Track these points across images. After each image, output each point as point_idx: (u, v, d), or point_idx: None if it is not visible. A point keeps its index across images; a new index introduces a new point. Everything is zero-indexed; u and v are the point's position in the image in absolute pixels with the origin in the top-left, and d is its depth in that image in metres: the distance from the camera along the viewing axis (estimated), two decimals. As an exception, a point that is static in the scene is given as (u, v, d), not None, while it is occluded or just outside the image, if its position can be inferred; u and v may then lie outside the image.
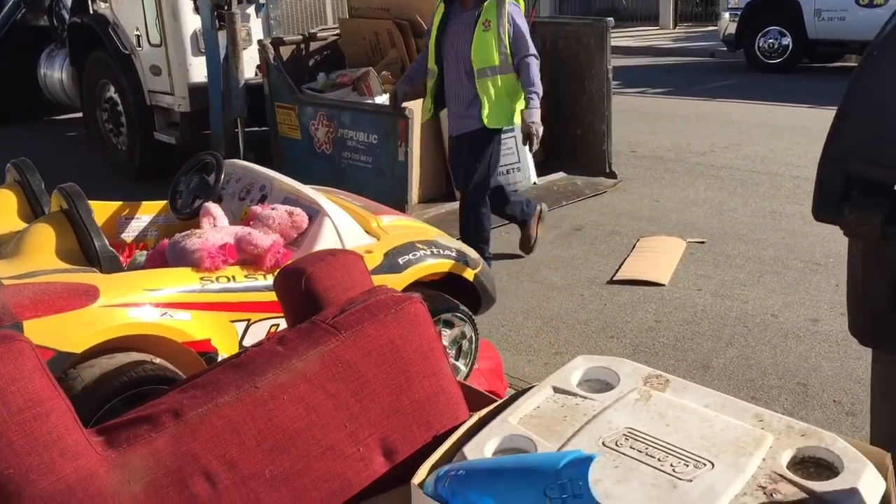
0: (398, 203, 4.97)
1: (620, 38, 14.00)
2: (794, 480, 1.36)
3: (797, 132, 7.68)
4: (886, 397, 2.13)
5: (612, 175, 6.48)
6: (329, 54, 6.50)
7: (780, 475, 1.38)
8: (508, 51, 4.26)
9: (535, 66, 4.26)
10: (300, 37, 6.42)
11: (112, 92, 7.19)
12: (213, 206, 2.67)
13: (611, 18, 6.14)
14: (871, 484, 1.35)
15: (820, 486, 1.35)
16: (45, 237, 2.35)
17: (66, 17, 7.55)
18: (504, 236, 5.61)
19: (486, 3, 4.22)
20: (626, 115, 8.19)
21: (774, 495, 1.34)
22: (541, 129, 4.35)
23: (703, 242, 5.26)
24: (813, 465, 1.42)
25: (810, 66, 10.41)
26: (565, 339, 4.16)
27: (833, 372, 3.65)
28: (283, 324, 2.53)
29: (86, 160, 7.84)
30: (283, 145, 6.23)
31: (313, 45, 6.44)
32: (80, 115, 8.97)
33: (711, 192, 6.26)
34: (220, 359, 2.38)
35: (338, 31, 6.47)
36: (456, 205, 5.85)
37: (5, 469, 1.38)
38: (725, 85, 10.28)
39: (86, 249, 2.35)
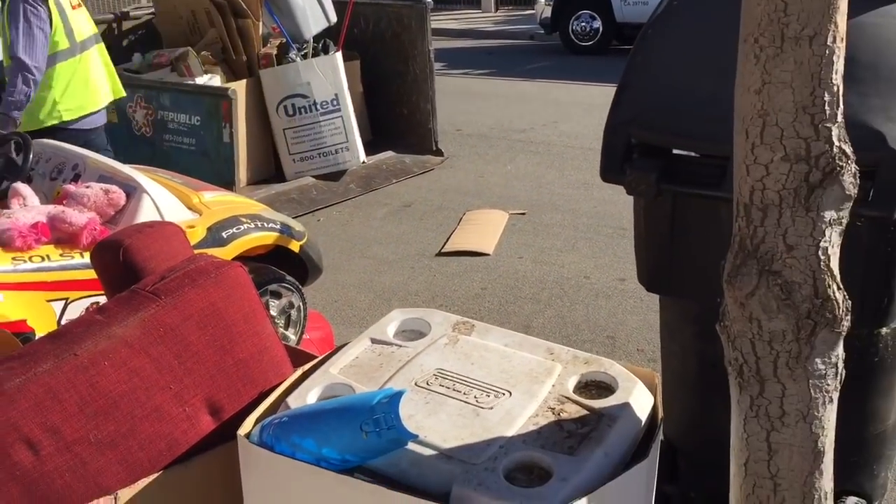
0: (225, 184, 4.92)
1: (443, 20, 14.32)
2: (578, 401, 1.56)
3: (607, 109, 8.19)
4: (671, 336, 2.42)
5: (439, 153, 6.69)
6: (144, 34, 6.30)
7: (567, 397, 1.57)
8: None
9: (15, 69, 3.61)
10: (111, 16, 6.18)
11: None
12: (21, 186, 2.58)
13: (430, 0, 6.32)
14: (641, 398, 1.57)
15: (599, 404, 1.55)
16: None
17: None
18: (335, 215, 5.69)
19: None
20: (451, 95, 8.44)
21: (562, 414, 1.53)
22: None
23: (523, 214, 5.57)
24: (595, 387, 1.62)
25: (620, 48, 11.09)
26: (397, 309, 4.30)
27: (637, 325, 4.01)
28: (103, 300, 2.51)
29: None
30: (100, 129, 5.98)
31: (126, 25, 6.22)
32: None
33: (531, 166, 6.60)
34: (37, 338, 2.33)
35: (152, 10, 6.28)
36: (287, 185, 5.88)
37: None
38: (543, 66, 10.78)
39: None
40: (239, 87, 5.61)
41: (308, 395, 1.67)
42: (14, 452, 1.52)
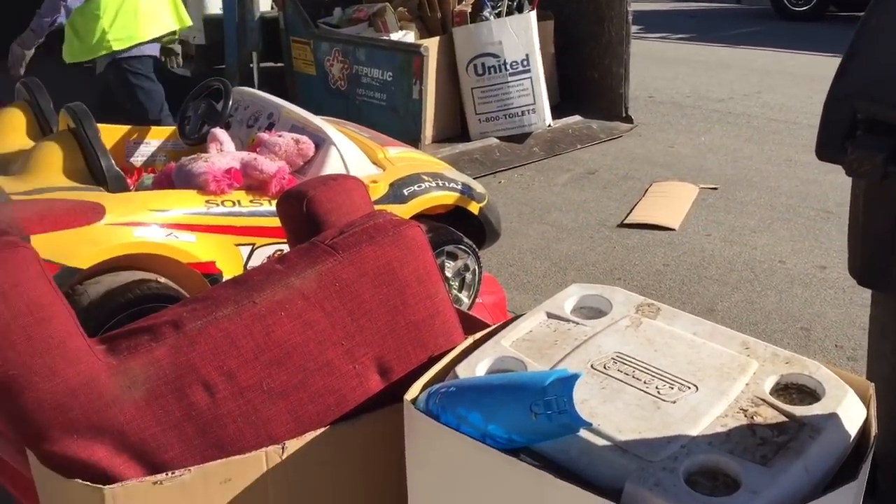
0: (411, 141, 4.96)
1: (645, -19, 13.72)
2: (776, 405, 1.39)
3: (818, 80, 7.54)
4: (882, 335, 2.15)
5: (629, 120, 6.43)
6: (346, -12, 6.42)
7: (763, 399, 1.41)
8: None
9: None
10: (318, -30, 6.34)
11: (128, 23, 7.15)
12: (219, 132, 2.68)
13: (631, -41, 6.03)
14: (851, 410, 1.37)
15: (801, 411, 1.37)
16: (52, 155, 2.38)
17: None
18: (517, 178, 5.60)
19: None
20: (646, 59, 8.08)
21: (755, 418, 1.37)
22: (14, 57, 4.05)
23: (715, 189, 5.23)
24: (796, 391, 1.44)
25: (838, 14, 10.17)
26: (572, 279, 4.18)
27: (837, 318, 3.66)
28: (287, 249, 2.57)
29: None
30: (297, 81, 6.20)
31: (330, -21, 6.36)
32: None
33: (728, 139, 6.20)
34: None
35: (353, -33, 6.38)
36: (471, 145, 5.85)
37: (9, 370, 1.42)
38: (750, 32, 10.09)
39: (93, 168, 2.38)
40: (431, 45, 5.61)
41: (477, 366, 1.61)
42: (192, 393, 1.55)
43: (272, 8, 6.34)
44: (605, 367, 1.53)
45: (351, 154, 2.69)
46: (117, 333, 1.61)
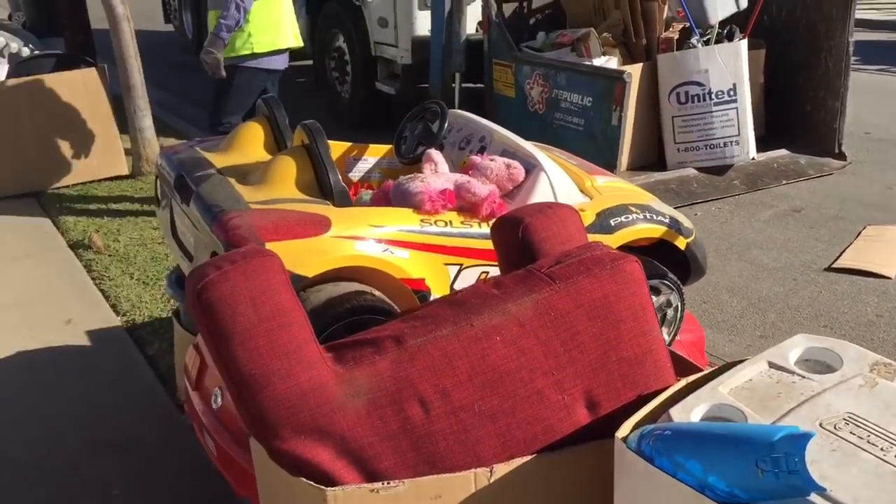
0: (607, 168, 4.91)
1: (865, 9, 12.86)
2: None
3: None
4: None
5: (841, 156, 6.04)
6: (550, 14, 6.48)
7: None
8: None
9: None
10: (521, -5, 6.45)
11: (341, 41, 7.57)
12: (434, 153, 2.77)
13: (861, -14, 5.67)
14: None
15: None
16: (286, 169, 2.56)
17: (305, -32, 7.99)
18: (714, 211, 5.41)
19: None
20: (863, 93, 7.56)
21: None
22: (211, 62, 4.45)
23: (940, 237, 4.81)
24: None
25: None
26: (773, 322, 3.97)
27: None
28: (492, 271, 2.61)
29: (310, 105, 8.33)
30: (496, 102, 6.31)
31: (535, 4, 6.44)
32: (309, 62, 9.55)
33: (956, 183, 5.68)
34: (431, 298, 2.49)
35: (561, -9, 6.43)
36: (667, 174, 5.72)
37: (252, 369, 1.54)
38: (985, 66, 9.21)
39: (321, 183, 2.54)
40: (634, 71, 5.53)
41: (693, 412, 1.56)
42: (408, 407, 1.61)
43: (477, 31, 6.49)
44: (835, 428, 1.44)
45: (560, 181, 2.71)
46: (344, 343, 1.70)
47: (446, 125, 2.92)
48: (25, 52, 5.61)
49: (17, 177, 5.52)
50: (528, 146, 2.85)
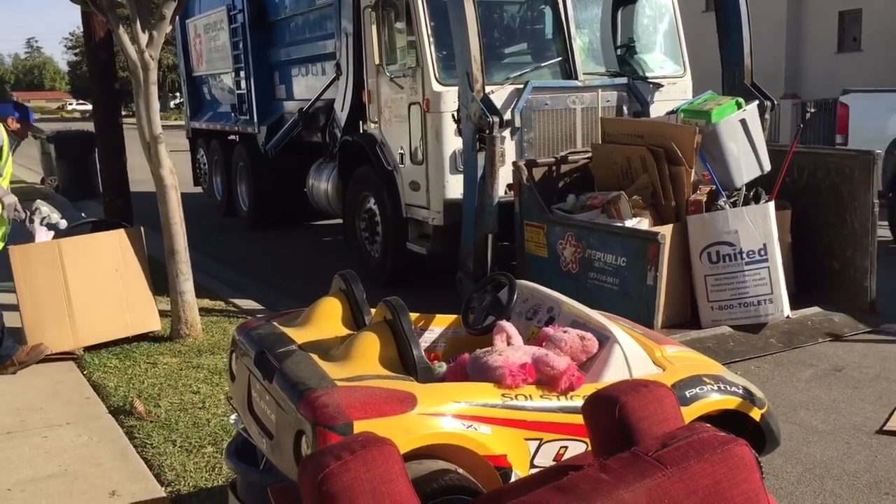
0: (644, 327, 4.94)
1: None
2: None
3: None
4: None
5: (876, 315, 6.07)
6: (578, 177, 6.69)
7: None
8: None
9: None
10: (552, 159, 6.68)
11: (372, 203, 7.80)
12: (507, 325, 2.80)
13: (879, 151, 5.89)
14: None
15: None
16: (370, 344, 2.58)
17: (338, 135, 8.35)
18: (753, 370, 5.38)
19: None
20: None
21: None
22: None
23: None
24: None
25: None
26: (831, 490, 3.86)
27: None
28: (571, 446, 2.58)
29: (337, 263, 8.47)
30: (528, 261, 6.42)
31: (564, 168, 6.67)
32: (334, 221, 9.81)
33: None
34: (513, 476, 2.44)
35: (589, 155, 6.67)
36: (703, 333, 5.72)
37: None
38: None
39: (404, 359, 2.55)
40: (666, 232, 5.67)
41: None
42: None
43: (506, 193, 6.69)
44: None
45: (633, 353, 2.72)
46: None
47: (515, 296, 2.96)
48: (63, 224, 5.82)
49: (57, 335, 5.56)
50: (599, 316, 2.88)
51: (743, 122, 6.17)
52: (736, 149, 6.05)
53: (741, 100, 6.35)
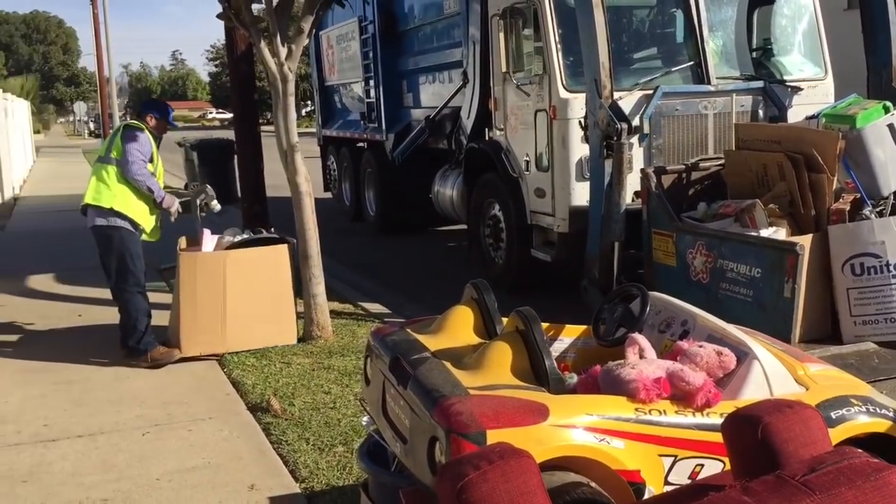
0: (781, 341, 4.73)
1: None
2: None
3: None
4: None
5: None
6: (710, 184, 6.50)
7: None
8: None
9: None
10: (682, 166, 6.52)
11: (496, 210, 7.84)
12: (640, 338, 2.76)
13: None
14: None
15: None
16: (502, 354, 2.60)
17: (464, 142, 8.45)
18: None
19: None
20: None
21: None
22: None
23: None
24: None
25: None
26: None
27: None
28: (707, 464, 2.51)
29: (461, 268, 8.58)
30: (656, 270, 6.28)
31: (694, 175, 6.49)
32: (459, 227, 9.91)
33: None
34: (646, 492, 2.40)
35: (721, 162, 6.47)
36: (844, 349, 5.44)
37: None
38: None
39: (536, 369, 2.56)
40: (804, 242, 5.42)
41: None
42: None
43: (633, 200, 6.57)
44: None
45: (774, 370, 2.62)
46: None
47: (648, 308, 2.92)
48: (217, 207, 6.28)
49: (205, 339, 5.87)
50: (737, 332, 2.80)
51: (890, 126, 5.84)
52: (883, 155, 5.73)
53: (888, 104, 6.00)
